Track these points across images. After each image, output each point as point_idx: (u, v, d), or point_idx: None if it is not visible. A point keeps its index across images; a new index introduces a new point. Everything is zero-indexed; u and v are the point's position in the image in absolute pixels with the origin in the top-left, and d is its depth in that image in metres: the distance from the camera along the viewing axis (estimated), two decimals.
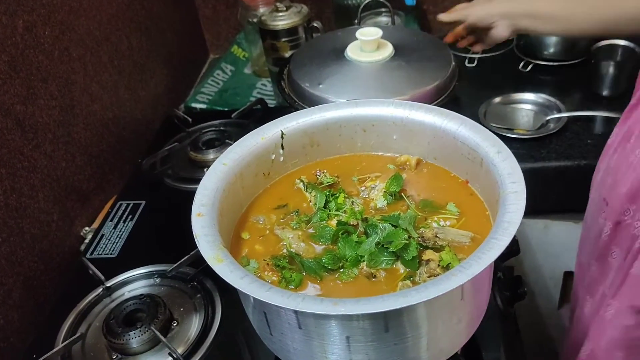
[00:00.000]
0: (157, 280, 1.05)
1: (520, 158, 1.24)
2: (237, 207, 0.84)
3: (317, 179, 0.89)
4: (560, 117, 1.39)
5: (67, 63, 1.21)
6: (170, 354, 0.89)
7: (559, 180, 1.34)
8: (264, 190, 0.89)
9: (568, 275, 1.52)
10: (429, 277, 0.70)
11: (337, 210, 0.82)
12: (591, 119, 1.40)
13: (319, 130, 0.90)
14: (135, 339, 0.91)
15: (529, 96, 1.47)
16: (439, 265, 0.70)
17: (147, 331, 0.91)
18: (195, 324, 0.96)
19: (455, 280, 0.60)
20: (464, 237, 0.75)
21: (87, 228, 1.24)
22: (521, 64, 1.60)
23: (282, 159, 0.89)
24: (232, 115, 1.40)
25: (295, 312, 0.63)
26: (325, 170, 0.90)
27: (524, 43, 1.62)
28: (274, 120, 0.89)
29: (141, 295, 0.98)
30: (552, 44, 1.56)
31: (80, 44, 1.26)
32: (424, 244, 0.75)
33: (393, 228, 0.74)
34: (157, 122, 1.53)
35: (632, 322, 0.95)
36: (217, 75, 1.80)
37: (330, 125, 0.90)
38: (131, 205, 1.24)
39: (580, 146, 1.34)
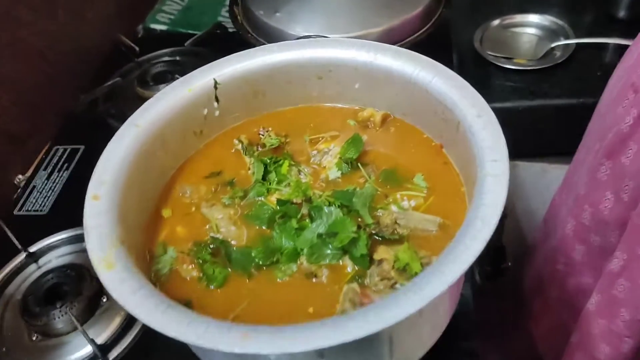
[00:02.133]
0: None
1: (518, 94, 1.06)
2: (158, 177, 0.69)
3: (260, 139, 0.72)
4: (568, 44, 1.20)
5: None
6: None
7: (561, 120, 1.17)
8: (196, 152, 0.73)
9: None
10: (380, 280, 0.56)
11: (279, 182, 0.67)
12: (603, 46, 1.21)
13: (263, 77, 0.73)
14: (56, 319, 0.79)
15: (534, 18, 1.27)
16: (393, 267, 0.56)
17: (67, 312, 0.79)
18: None
19: (406, 305, 0.46)
20: (431, 223, 0.60)
21: (20, 176, 1.09)
22: None
23: (217, 113, 0.73)
24: (186, 44, 1.21)
25: None
26: (270, 128, 0.73)
27: None
28: (205, 66, 0.71)
29: (64, 266, 0.85)
30: None
31: None
32: (380, 234, 0.60)
33: (340, 214, 0.59)
34: (107, 50, 1.34)
35: None
36: None
37: (277, 70, 0.73)
38: (68, 150, 1.08)
39: (589, 80, 1.16)
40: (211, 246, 0.62)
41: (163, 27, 1.46)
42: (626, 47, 1.15)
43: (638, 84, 0.72)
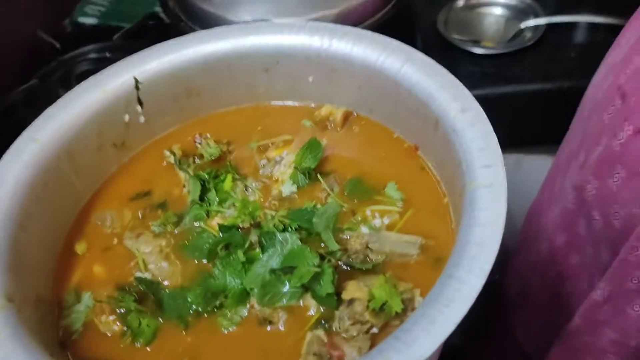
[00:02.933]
0: None
1: (488, 80, 0.96)
2: (69, 202, 0.55)
3: (197, 149, 0.59)
4: (537, 25, 1.11)
5: None
6: None
7: (535, 107, 1.08)
8: (118, 169, 0.60)
9: None
10: (352, 324, 0.44)
11: (221, 202, 0.54)
12: (575, 25, 1.12)
13: (198, 73, 0.60)
14: None
15: None
16: (368, 307, 0.44)
17: None
18: None
19: None
20: (411, 245, 0.49)
21: None
22: None
23: (142, 119, 0.60)
24: (114, 37, 1.06)
25: None
26: (208, 135, 0.60)
27: None
28: (122, 61, 0.58)
29: None
30: None
31: None
32: (349, 264, 0.48)
33: (298, 243, 0.47)
34: (21, 49, 1.17)
35: None
36: None
37: (214, 63, 0.60)
38: None
39: (562, 61, 1.07)
40: (137, 289, 0.49)
41: (93, 21, 1.31)
42: (598, 25, 1.08)
43: (625, 87, 0.62)
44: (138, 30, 1.10)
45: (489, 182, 0.43)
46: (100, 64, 1.03)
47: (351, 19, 0.80)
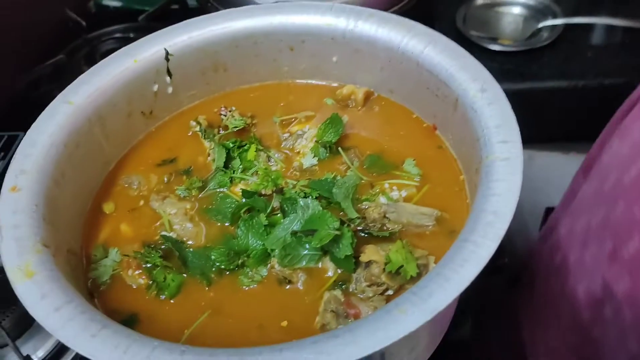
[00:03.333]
0: None
1: (505, 76, 0.97)
2: (98, 166, 0.57)
3: (222, 120, 0.62)
4: (555, 25, 1.12)
5: None
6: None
7: (550, 104, 1.10)
8: (144, 137, 0.62)
9: (550, 212, 1.33)
10: (369, 286, 0.46)
11: (244, 170, 0.56)
12: (592, 27, 1.14)
13: (225, 48, 0.62)
14: None
15: None
16: (384, 269, 0.46)
17: None
18: None
19: (404, 322, 0.36)
20: (427, 217, 0.51)
21: None
22: None
23: (170, 90, 0.62)
24: (139, 18, 1.09)
25: None
26: (233, 108, 0.63)
27: None
28: (154, 34, 0.60)
29: None
30: None
31: None
32: (367, 231, 0.50)
33: (319, 208, 0.49)
34: (50, 26, 1.20)
35: None
36: None
37: (242, 40, 0.62)
38: (5, 138, 0.95)
39: (578, 61, 1.09)
40: (162, 247, 0.52)
41: (116, 3, 1.34)
42: (615, 27, 1.10)
43: None
44: (162, 13, 1.12)
45: (505, 155, 0.45)
46: (124, 44, 1.05)
47: (373, 6, 0.82)
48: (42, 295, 0.40)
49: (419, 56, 0.56)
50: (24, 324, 0.69)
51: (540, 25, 1.13)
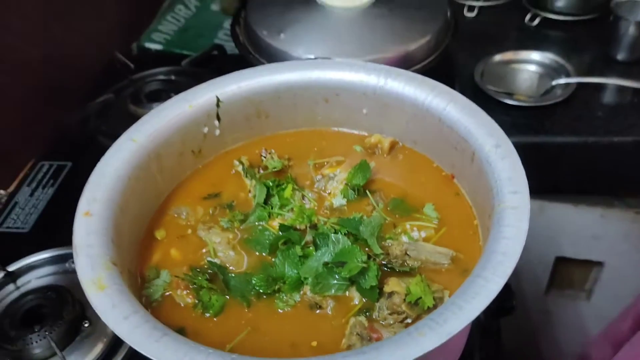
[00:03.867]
0: (72, 265, 0.85)
1: (519, 130, 1.04)
2: (152, 197, 0.65)
3: (262, 161, 0.69)
4: (568, 83, 1.19)
5: None
6: None
7: (561, 158, 1.16)
8: (193, 173, 0.69)
9: (559, 261, 1.37)
10: (390, 314, 0.52)
11: (281, 207, 0.63)
12: (603, 87, 1.21)
13: (268, 98, 0.70)
14: (33, 344, 0.73)
15: (534, 55, 1.26)
16: (405, 300, 0.52)
17: (45, 337, 0.73)
18: None
19: (422, 342, 0.42)
20: (443, 256, 0.57)
21: (2, 191, 1.04)
22: (528, 17, 1.38)
23: (218, 132, 0.69)
24: (182, 63, 1.18)
25: None
26: (272, 150, 0.70)
27: None
28: (207, 83, 0.68)
29: (46, 287, 0.79)
30: None
31: None
32: (389, 265, 0.56)
33: (348, 243, 0.56)
34: (101, 66, 1.30)
35: None
36: (178, 11, 1.55)
37: (283, 92, 0.70)
38: (54, 167, 1.04)
39: (589, 119, 1.15)
40: (208, 271, 0.58)
41: (158, 47, 1.43)
42: (625, 87, 1.17)
43: None
44: (203, 58, 1.22)
45: (515, 204, 0.51)
46: (167, 85, 1.15)
47: (400, 64, 0.90)
48: (112, 305, 0.46)
49: (441, 113, 0.63)
50: (70, 337, 0.76)
51: (554, 83, 1.19)
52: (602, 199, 1.24)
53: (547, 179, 1.19)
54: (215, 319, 0.55)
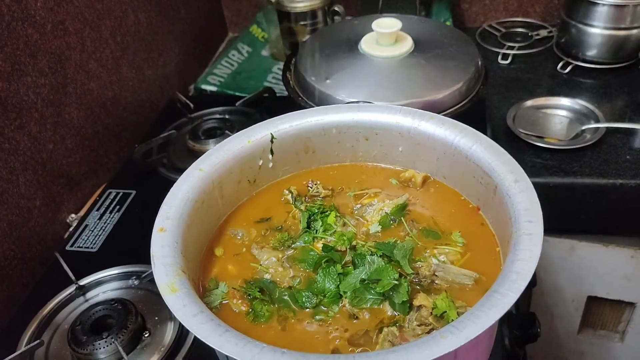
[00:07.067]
0: (135, 282, 0.96)
1: (549, 171, 1.10)
2: (214, 218, 0.74)
3: (309, 191, 0.78)
4: (597, 128, 1.25)
5: (61, 38, 1.12)
6: None
7: (590, 199, 1.20)
8: (247, 199, 0.79)
9: (591, 300, 1.40)
10: (418, 325, 0.60)
11: (324, 231, 0.72)
12: (632, 132, 1.26)
13: (315, 136, 0.80)
14: (100, 349, 0.83)
15: (565, 101, 1.32)
16: (431, 313, 0.59)
17: (112, 343, 0.83)
18: (169, 335, 0.88)
19: (444, 344, 0.50)
20: (467, 277, 0.64)
21: (73, 215, 1.16)
22: (560, 64, 1.45)
23: (271, 165, 0.79)
24: (237, 104, 1.30)
25: None
26: (318, 182, 0.79)
27: (565, 41, 1.47)
28: (264, 122, 0.78)
29: (112, 300, 0.89)
30: (596, 44, 1.41)
31: (78, 17, 1.17)
32: (419, 283, 0.64)
33: (382, 263, 0.64)
34: (163, 105, 1.44)
35: None
36: (232, 56, 1.69)
37: (328, 130, 0.79)
38: (120, 194, 1.15)
39: (618, 162, 1.20)
40: (260, 284, 0.67)
41: (213, 88, 1.57)
42: None
43: None
44: (255, 99, 1.33)
45: (530, 232, 0.59)
46: (222, 123, 1.27)
47: (433, 108, 0.99)
48: (183, 305, 0.55)
49: (468, 151, 0.71)
50: (134, 343, 0.85)
51: (584, 127, 1.25)
52: (631, 240, 1.27)
53: (576, 219, 1.24)
54: (263, 326, 0.63)
